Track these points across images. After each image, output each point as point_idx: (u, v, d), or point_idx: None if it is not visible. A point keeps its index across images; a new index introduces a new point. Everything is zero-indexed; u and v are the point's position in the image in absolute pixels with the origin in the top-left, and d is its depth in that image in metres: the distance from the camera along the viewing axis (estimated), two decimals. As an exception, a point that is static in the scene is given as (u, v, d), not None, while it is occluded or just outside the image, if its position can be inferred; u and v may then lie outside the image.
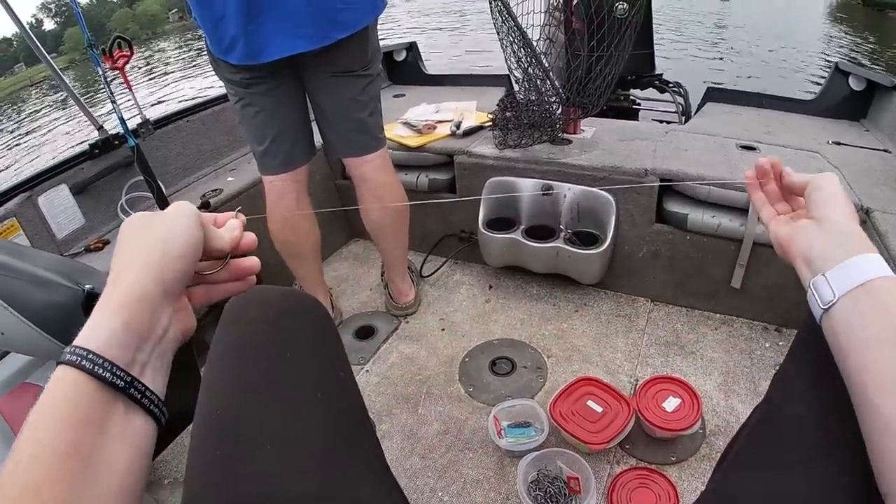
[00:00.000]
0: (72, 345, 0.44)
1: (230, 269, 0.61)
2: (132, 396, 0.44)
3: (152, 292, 0.48)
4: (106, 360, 0.43)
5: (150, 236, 0.51)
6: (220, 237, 0.58)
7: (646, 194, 1.93)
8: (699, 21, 16.46)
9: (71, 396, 0.41)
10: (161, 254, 0.49)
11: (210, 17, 1.50)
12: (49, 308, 1.10)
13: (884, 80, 2.34)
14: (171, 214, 0.53)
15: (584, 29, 1.94)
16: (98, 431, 0.41)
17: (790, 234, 0.67)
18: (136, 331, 0.46)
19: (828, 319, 0.58)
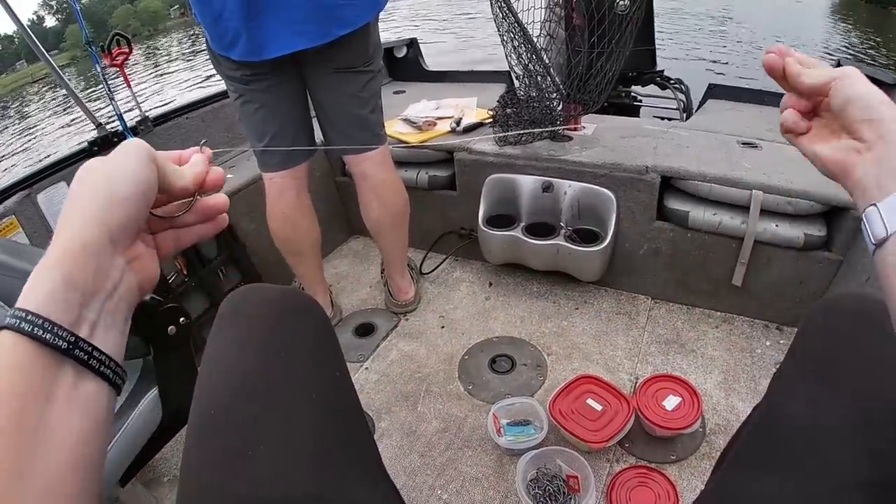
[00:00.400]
0: (14, 307, 0.40)
1: (197, 209, 0.55)
2: (78, 358, 0.40)
3: (95, 242, 0.43)
4: (45, 320, 0.39)
5: (95, 180, 0.45)
6: (180, 175, 0.52)
7: (646, 191, 1.93)
8: (702, 18, 16.46)
9: (11, 363, 0.38)
10: (104, 198, 0.44)
11: (210, 14, 1.49)
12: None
13: (885, 77, 2.32)
14: (116, 154, 0.48)
15: (584, 25, 1.93)
16: (43, 399, 0.38)
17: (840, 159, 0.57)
18: (79, 286, 0.41)
19: (880, 254, 0.51)
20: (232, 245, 2.14)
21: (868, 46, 13.17)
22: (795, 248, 1.78)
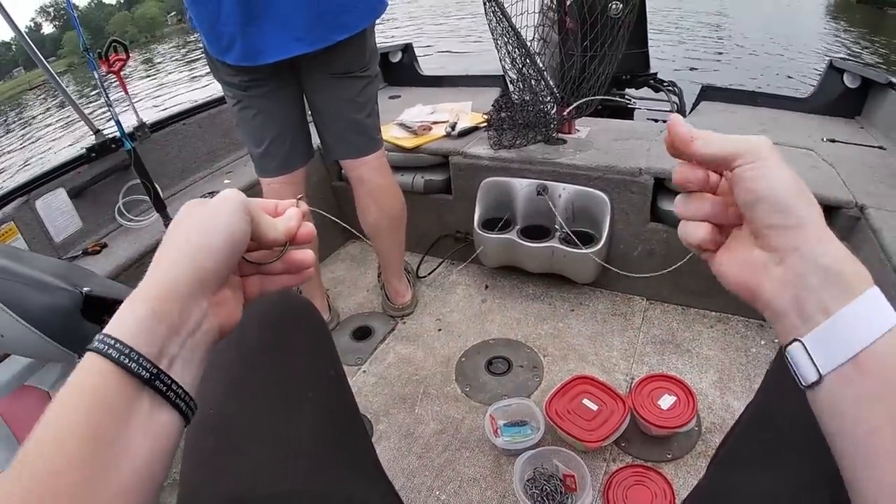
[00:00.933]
0: (101, 332, 0.42)
1: (285, 260, 0.57)
2: (157, 389, 0.42)
3: (184, 284, 0.45)
4: (132, 350, 0.41)
5: (190, 226, 0.48)
6: (273, 227, 0.53)
7: (640, 193, 1.94)
8: (696, 19, 16.47)
9: (95, 384, 0.40)
10: (198, 246, 0.46)
11: (207, 18, 1.50)
12: (48, 311, 1.11)
13: (878, 77, 2.34)
14: (214, 203, 0.50)
15: (577, 29, 1.95)
16: (121, 421, 0.40)
17: (744, 276, 0.48)
18: (165, 322, 0.43)
19: (814, 398, 0.43)
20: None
21: (862, 46, 13.20)
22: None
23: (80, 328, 1.15)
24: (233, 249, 0.48)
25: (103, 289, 1.24)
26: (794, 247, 0.43)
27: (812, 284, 0.42)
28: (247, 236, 0.50)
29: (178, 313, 0.44)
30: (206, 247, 0.46)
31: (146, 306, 0.43)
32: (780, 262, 0.44)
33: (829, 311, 0.41)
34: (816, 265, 0.42)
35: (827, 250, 0.42)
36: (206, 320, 0.47)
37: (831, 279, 0.41)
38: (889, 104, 2.24)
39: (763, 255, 0.46)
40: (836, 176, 1.83)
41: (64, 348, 1.13)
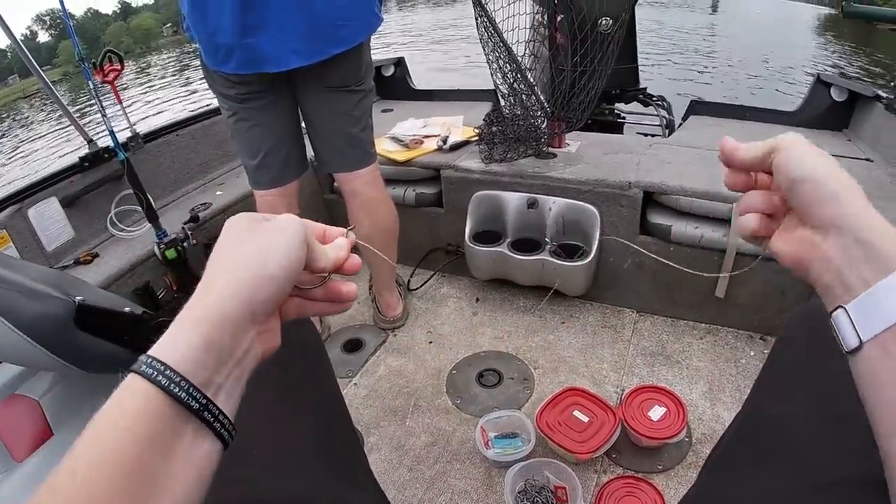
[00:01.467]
0: (147, 354, 0.41)
1: (327, 288, 0.56)
2: (205, 419, 0.41)
3: (237, 314, 0.44)
4: (183, 379, 0.39)
5: (246, 248, 0.47)
6: (324, 255, 0.52)
7: (629, 206, 1.96)
8: (686, 34, 16.62)
9: (141, 410, 0.38)
10: (253, 273, 0.45)
11: (205, 29, 1.51)
12: (40, 319, 1.11)
13: (865, 91, 2.38)
14: (274, 227, 0.48)
15: (567, 44, 1.97)
16: (165, 451, 0.38)
17: (796, 253, 0.51)
18: (215, 351, 0.42)
19: (854, 365, 0.45)
20: (221, 261, 2.15)
21: (851, 61, 13.35)
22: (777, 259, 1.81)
23: (73, 337, 1.15)
24: (289, 280, 0.47)
25: (95, 298, 1.24)
26: (833, 222, 0.46)
27: (854, 258, 0.44)
28: (302, 265, 0.49)
29: (229, 343, 0.43)
30: (264, 277, 0.45)
31: (199, 333, 0.42)
32: (825, 237, 0.47)
33: (868, 283, 0.43)
34: (856, 239, 0.45)
35: (865, 224, 0.45)
36: (252, 349, 0.46)
37: (870, 253, 0.43)
38: (876, 117, 2.28)
39: (809, 233, 0.49)
40: None
41: (56, 357, 1.13)
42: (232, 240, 0.48)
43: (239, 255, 0.46)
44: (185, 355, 0.40)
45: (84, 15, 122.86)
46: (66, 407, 1.35)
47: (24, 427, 1.31)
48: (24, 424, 1.31)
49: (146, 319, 1.28)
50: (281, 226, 0.49)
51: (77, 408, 1.35)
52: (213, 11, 1.47)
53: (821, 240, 0.47)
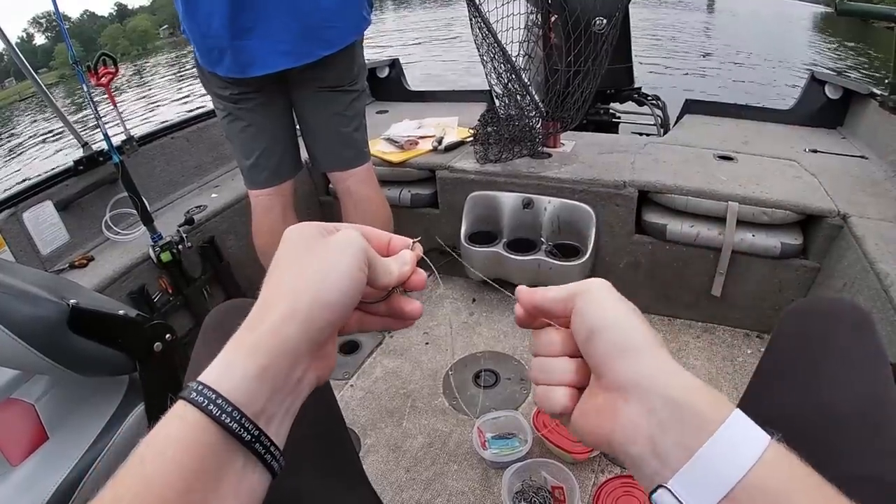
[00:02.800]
0: (198, 380, 0.39)
1: (390, 303, 0.54)
2: (256, 451, 0.39)
3: (295, 342, 0.41)
4: (235, 409, 0.38)
5: (305, 270, 0.44)
6: (387, 272, 0.50)
7: (624, 206, 1.96)
8: (682, 34, 16.64)
9: (190, 440, 0.37)
10: (312, 299, 0.42)
11: (198, 30, 1.52)
12: (34, 322, 1.10)
13: (860, 88, 2.39)
14: (334, 248, 0.45)
15: (562, 44, 1.97)
16: (212, 485, 0.37)
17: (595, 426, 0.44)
18: (270, 380, 0.40)
19: None
20: (216, 264, 2.15)
21: (846, 59, 13.38)
22: (772, 257, 1.82)
23: (67, 340, 1.15)
24: (348, 306, 0.45)
25: (89, 301, 1.24)
26: (637, 380, 0.40)
27: (665, 420, 0.38)
28: (363, 286, 0.46)
29: (285, 371, 0.41)
30: (323, 303, 0.43)
31: (255, 361, 0.40)
32: (627, 401, 0.40)
33: (690, 449, 0.36)
34: (665, 397, 0.39)
35: (673, 380, 0.40)
36: (307, 376, 0.44)
37: (685, 411, 0.38)
38: (870, 114, 2.28)
39: (609, 397, 0.42)
40: (819, 186, 1.86)
41: (49, 360, 1.12)
42: (291, 257, 0.46)
43: (298, 278, 0.44)
44: (239, 384, 0.39)
45: (80, 17, 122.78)
46: (62, 411, 1.34)
47: (19, 431, 1.30)
48: (19, 428, 1.31)
49: (141, 322, 1.28)
50: (341, 245, 0.46)
51: (72, 411, 1.35)
52: (205, 13, 1.48)
53: (622, 404, 0.41)
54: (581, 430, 0.45)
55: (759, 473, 0.35)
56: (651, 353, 0.41)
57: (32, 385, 1.37)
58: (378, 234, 0.53)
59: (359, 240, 0.47)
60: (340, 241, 0.46)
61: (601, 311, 0.44)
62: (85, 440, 1.27)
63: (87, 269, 1.90)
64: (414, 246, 0.55)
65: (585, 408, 0.45)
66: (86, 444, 1.26)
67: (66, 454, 1.25)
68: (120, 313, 1.26)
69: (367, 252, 0.47)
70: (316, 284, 0.43)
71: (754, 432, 0.36)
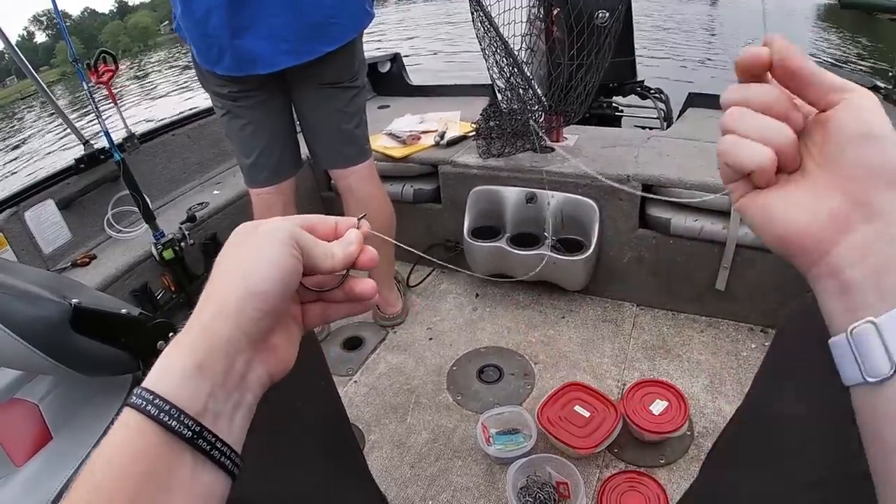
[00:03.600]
0: (140, 386, 0.39)
1: (344, 289, 0.52)
2: (200, 448, 0.38)
3: (227, 336, 0.41)
4: (173, 407, 0.37)
5: (232, 264, 0.44)
6: (329, 255, 0.48)
7: (628, 200, 1.95)
8: (685, 26, 16.58)
9: (134, 444, 0.37)
10: (237, 291, 0.42)
11: (196, 30, 1.51)
12: (36, 322, 1.10)
13: (863, 82, 2.37)
14: (261, 238, 0.45)
15: (564, 37, 1.96)
16: (162, 486, 0.36)
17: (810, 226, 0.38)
18: (208, 376, 0.40)
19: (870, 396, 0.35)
20: (219, 261, 2.14)
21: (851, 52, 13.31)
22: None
23: (69, 340, 1.15)
24: (280, 293, 0.44)
25: (92, 300, 1.24)
26: (891, 204, 0.35)
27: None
28: (297, 274, 0.45)
29: (222, 366, 0.41)
30: (249, 292, 0.42)
31: (192, 360, 0.39)
32: (870, 219, 0.35)
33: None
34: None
35: None
36: (252, 371, 0.44)
37: None
38: None
39: (847, 206, 0.36)
40: None
41: (52, 360, 1.12)
42: (227, 254, 0.45)
43: (227, 272, 0.44)
44: (178, 383, 0.39)
45: (81, 15, 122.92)
46: (66, 410, 1.34)
47: (23, 431, 1.31)
48: (23, 429, 1.31)
49: (143, 321, 1.28)
50: (268, 233, 0.45)
51: (76, 411, 1.35)
52: (203, 12, 1.47)
53: (862, 221, 0.36)
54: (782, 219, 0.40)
55: None
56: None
57: (36, 385, 1.37)
58: (321, 220, 0.51)
59: (286, 225, 0.46)
60: (267, 230, 0.45)
61: (873, 117, 0.37)
62: (89, 440, 1.27)
63: (89, 268, 1.90)
64: (360, 223, 0.53)
65: (805, 199, 0.39)
66: (90, 444, 1.26)
67: (70, 454, 1.25)
68: (122, 312, 1.26)
69: (297, 237, 0.45)
70: (241, 277, 0.43)
71: None
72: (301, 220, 0.50)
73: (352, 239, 0.51)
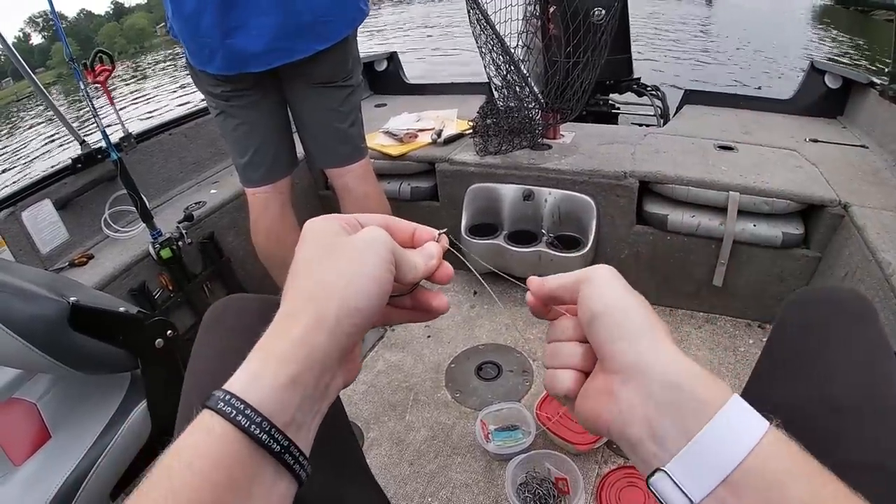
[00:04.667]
0: (224, 389, 0.37)
1: (415, 296, 0.53)
2: (285, 461, 0.38)
3: (324, 352, 0.40)
4: (265, 420, 0.36)
5: (329, 274, 0.42)
6: (413, 268, 0.48)
7: (625, 196, 1.96)
8: (680, 24, 16.60)
9: (218, 452, 0.35)
10: (338, 307, 0.41)
11: (187, 29, 1.50)
12: (35, 321, 1.10)
13: (859, 78, 2.38)
14: (359, 249, 0.44)
15: (561, 35, 1.96)
16: (242, 496, 0.35)
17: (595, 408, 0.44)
18: (300, 389, 0.39)
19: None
20: (216, 260, 2.14)
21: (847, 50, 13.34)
22: (774, 247, 1.82)
23: (67, 338, 1.15)
24: (377, 309, 0.43)
25: (90, 299, 1.24)
26: (635, 362, 0.40)
27: (663, 403, 0.38)
28: (390, 288, 0.45)
29: (315, 379, 0.40)
30: (350, 309, 0.41)
31: (285, 373, 0.38)
32: (625, 383, 0.41)
33: (689, 432, 0.36)
34: (664, 381, 0.39)
35: (672, 365, 0.40)
36: (334, 380, 0.43)
37: (684, 395, 0.38)
38: (870, 103, 2.28)
39: (609, 380, 0.42)
40: (820, 175, 1.86)
41: (51, 358, 1.12)
42: (313, 258, 0.44)
43: (323, 283, 0.42)
44: (269, 394, 0.37)
45: (77, 16, 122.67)
46: (64, 409, 1.34)
47: (22, 430, 1.30)
48: (22, 428, 1.31)
49: (141, 319, 1.28)
50: (366, 245, 0.44)
51: (75, 410, 1.35)
52: (195, 12, 1.46)
53: (620, 386, 0.41)
54: (582, 413, 0.45)
55: (758, 458, 0.34)
56: (651, 336, 0.41)
57: (34, 384, 1.37)
58: (402, 226, 0.52)
59: (384, 238, 0.45)
60: (365, 241, 0.45)
61: (603, 295, 0.45)
62: (88, 438, 1.27)
63: (87, 267, 1.89)
64: (440, 237, 0.53)
65: (587, 391, 0.46)
66: (89, 443, 1.26)
67: (69, 453, 1.25)
68: (120, 310, 1.26)
69: (393, 251, 0.45)
70: (342, 290, 0.41)
71: (753, 418, 0.36)
72: (383, 221, 0.50)
73: (433, 253, 0.51)
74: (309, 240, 0.45)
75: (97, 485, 1.24)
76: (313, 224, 0.47)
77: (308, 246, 0.45)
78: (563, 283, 0.49)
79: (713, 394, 0.37)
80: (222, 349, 0.76)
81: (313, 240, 0.45)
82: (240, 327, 0.78)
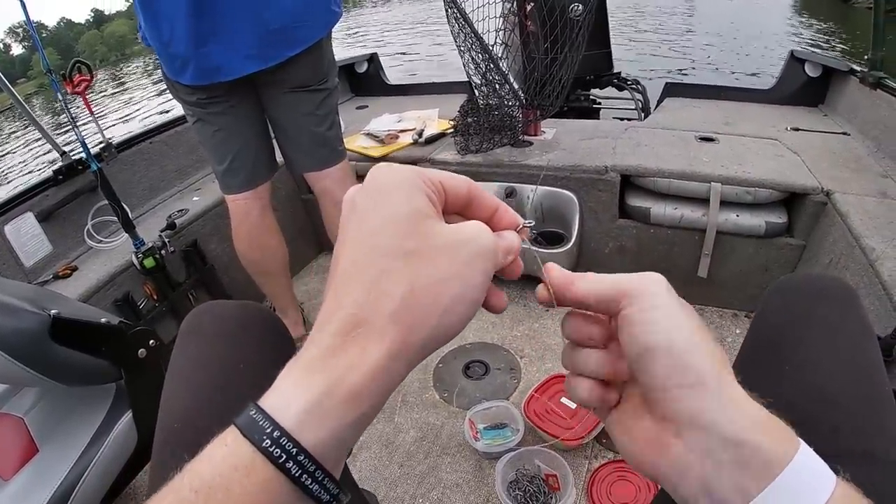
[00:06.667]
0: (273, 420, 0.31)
1: None
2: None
3: (400, 379, 0.34)
4: (319, 468, 0.31)
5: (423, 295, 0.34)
6: None
7: (607, 191, 1.96)
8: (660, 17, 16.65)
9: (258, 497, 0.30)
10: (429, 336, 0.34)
11: (160, 40, 1.50)
12: (17, 335, 1.10)
13: (839, 65, 2.40)
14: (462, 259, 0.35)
15: (538, 31, 1.97)
16: None
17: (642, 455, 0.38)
18: (363, 425, 0.34)
19: None
20: (200, 267, 2.13)
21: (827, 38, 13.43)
22: (757, 237, 1.83)
23: (50, 351, 1.14)
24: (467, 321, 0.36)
25: (72, 311, 1.23)
26: (695, 417, 0.34)
27: (722, 462, 0.33)
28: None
29: (376, 413, 0.34)
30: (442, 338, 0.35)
31: (358, 413, 0.32)
32: (678, 433, 0.35)
33: (749, 494, 0.32)
34: (723, 437, 0.33)
35: (735, 415, 0.34)
36: None
37: (746, 452, 0.32)
38: (851, 91, 2.30)
39: (660, 428, 0.37)
40: (802, 163, 1.87)
41: (34, 372, 1.12)
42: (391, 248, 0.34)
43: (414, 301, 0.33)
44: (328, 437, 0.31)
45: (57, 25, 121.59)
46: (51, 422, 1.34)
47: (10, 445, 1.30)
48: (10, 442, 1.30)
49: (123, 329, 1.27)
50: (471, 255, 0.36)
51: (61, 423, 1.34)
52: (166, 21, 1.46)
53: (674, 439, 0.35)
54: (627, 454, 0.40)
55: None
56: (716, 383, 0.34)
57: (21, 398, 1.36)
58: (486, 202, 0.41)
59: (494, 248, 0.37)
60: (471, 251, 0.36)
61: (660, 326, 0.36)
62: (75, 451, 1.27)
63: (71, 279, 1.88)
64: (521, 229, 0.44)
65: (632, 429, 0.39)
66: (76, 455, 1.26)
67: (57, 466, 1.25)
68: (102, 321, 1.26)
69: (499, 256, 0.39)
70: (438, 318, 0.34)
71: (821, 475, 0.32)
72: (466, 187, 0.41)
73: (514, 247, 0.41)
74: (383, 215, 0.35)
75: (85, 497, 1.23)
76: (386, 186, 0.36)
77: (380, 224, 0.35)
78: (599, 293, 0.39)
79: (779, 448, 0.33)
80: (200, 355, 0.76)
81: (392, 219, 0.35)
82: (217, 333, 0.77)
